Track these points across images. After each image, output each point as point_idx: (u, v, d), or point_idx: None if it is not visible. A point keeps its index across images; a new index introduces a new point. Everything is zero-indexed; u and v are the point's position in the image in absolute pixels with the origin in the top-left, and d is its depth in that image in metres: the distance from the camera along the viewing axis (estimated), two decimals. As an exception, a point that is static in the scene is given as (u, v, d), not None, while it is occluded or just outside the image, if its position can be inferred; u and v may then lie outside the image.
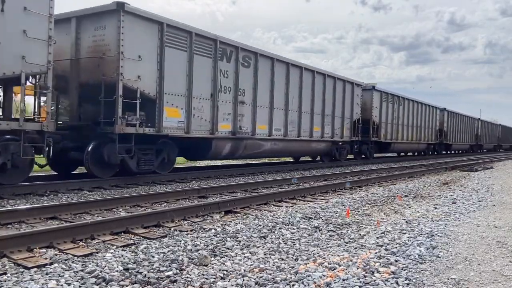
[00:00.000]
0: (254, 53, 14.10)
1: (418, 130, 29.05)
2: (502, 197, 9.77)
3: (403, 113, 26.38)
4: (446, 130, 31.28)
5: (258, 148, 14.72)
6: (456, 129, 34.02)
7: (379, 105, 23.20)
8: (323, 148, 18.77)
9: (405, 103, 26.74)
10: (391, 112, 24.66)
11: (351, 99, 20.25)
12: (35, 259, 4.26)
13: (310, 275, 3.90)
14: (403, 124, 26.65)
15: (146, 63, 10.29)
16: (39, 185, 8.69)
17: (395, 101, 25.33)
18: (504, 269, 4.25)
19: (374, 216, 7.10)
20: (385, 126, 23.93)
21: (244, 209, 7.51)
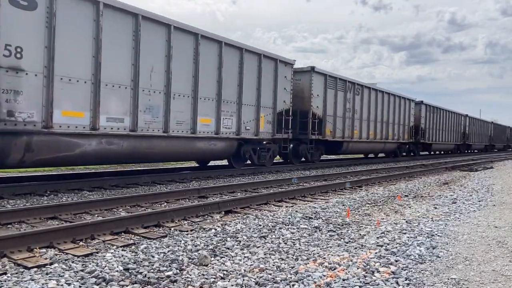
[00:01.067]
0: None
1: (384, 127, 23.57)
2: (502, 197, 9.77)
3: (361, 104, 20.88)
4: (424, 127, 27.50)
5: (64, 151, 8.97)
6: (438, 127, 29.99)
7: (323, 93, 17.94)
8: (220, 149, 13.03)
9: (364, 92, 21.16)
10: (341, 102, 19.28)
11: (274, 83, 14.99)
12: (35, 259, 4.26)
13: (310, 275, 3.90)
14: (361, 119, 21.17)
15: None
16: (39, 185, 8.68)
17: (348, 89, 19.78)
18: (504, 269, 4.25)
19: (374, 216, 7.10)
20: (332, 121, 18.67)
21: (244, 209, 7.51)
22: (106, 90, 9.39)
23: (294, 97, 16.38)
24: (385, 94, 23.65)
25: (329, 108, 18.31)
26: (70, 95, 8.73)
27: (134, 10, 9.91)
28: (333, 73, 18.81)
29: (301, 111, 17.10)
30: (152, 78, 10.46)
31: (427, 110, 29.88)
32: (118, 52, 9.63)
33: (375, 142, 22.88)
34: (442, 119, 33.17)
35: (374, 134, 22.49)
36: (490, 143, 52.18)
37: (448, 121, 35.01)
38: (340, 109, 19.22)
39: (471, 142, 41.04)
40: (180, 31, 11.17)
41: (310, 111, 17.11)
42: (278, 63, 15.00)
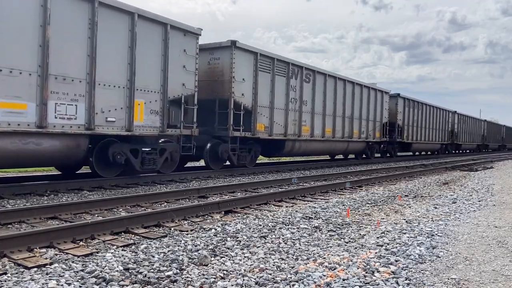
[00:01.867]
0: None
1: (348, 123, 21.53)
2: (502, 197, 9.77)
3: (313, 94, 18.30)
4: (401, 124, 25.20)
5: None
6: (419, 124, 28.02)
7: (252, 76, 14.68)
8: (49, 151, 8.58)
9: (317, 79, 19.18)
10: (282, 90, 16.93)
11: (164, 57, 11.00)
12: (35, 259, 4.26)
13: (310, 275, 3.90)
14: (313, 113, 19.94)
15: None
16: (39, 185, 8.68)
17: (293, 74, 17.79)
18: (504, 269, 4.25)
19: (374, 216, 7.10)
20: (268, 114, 16.33)
21: (244, 209, 7.51)
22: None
23: (212, 82, 13.28)
24: (348, 83, 19.63)
25: (262, 97, 14.32)
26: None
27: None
28: (268, 52, 14.65)
29: (221, 99, 13.35)
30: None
31: (405, 104, 26.39)
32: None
33: (333, 141, 18.88)
34: (424, 116, 29.61)
35: (332, 132, 18.60)
36: (483, 142, 49.07)
37: (433, 118, 31.42)
38: (280, 99, 15.27)
39: (460, 141, 38.29)
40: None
41: (230, 100, 13.02)
42: (170, 29, 10.73)
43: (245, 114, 13.57)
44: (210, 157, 13.13)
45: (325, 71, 18.11)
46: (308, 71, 17.09)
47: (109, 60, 9.38)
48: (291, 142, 16.28)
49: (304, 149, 17.64)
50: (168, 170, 11.46)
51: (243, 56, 13.52)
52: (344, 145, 20.26)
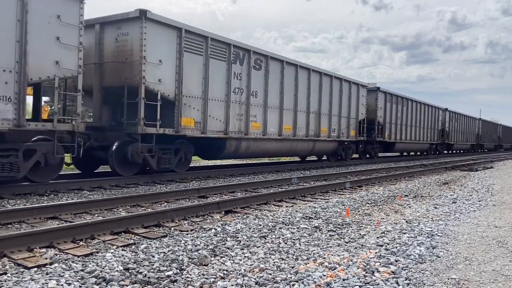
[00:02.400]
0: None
1: (314, 120, 19.37)
2: (502, 196, 9.77)
3: (265, 84, 15.50)
4: (382, 122, 22.34)
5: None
6: (404, 122, 25.40)
7: (174, 57, 12.03)
8: None
9: (271, 66, 16.90)
10: (221, 77, 16.51)
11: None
12: (35, 259, 4.26)
13: (310, 275, 3.90)
14: (266, 106, 20.07)
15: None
16: (39, 185, 8.68)
17: (237, 58, 15.36)
18: (504, 269, 4.25)
19: (374, 216, 7.10)
20: (201, 106, 16.08)
21: (244, 209, 7.51)
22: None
23: (120, 64, 10.52)
24: (313, 73, 16.93)
25: (191, 85, 11.49)
26: None
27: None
28: (198, 29, 11.81)
29: (130, 86, 10.48)
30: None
31: (386, 99, 23.65)
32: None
33: (294, 140, 16.23)
34: (410, 112, 26.92)
35: (293, 129, 15.94)
36: (478, 142, 45.89)
37: (420, 115, 28.68)
38: (219, 88, 12.49)
39: (452, 141, 35.45)
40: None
41: (141, 86, 10.20)
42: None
43: (165, 106, 10.71)
44: (117, 160, 10.34)
45: (282, 57, 15.24)
46: (259, 56, 14.05)
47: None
48: (234, 141, 13.32)
49: (254, 150, 14.38)
50: (45, 178, 8.92)
51: (159, 31, 10.60)
52: (308, 145, 17.35)
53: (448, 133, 34.22)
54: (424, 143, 30.33)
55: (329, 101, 18.22)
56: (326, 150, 19.49)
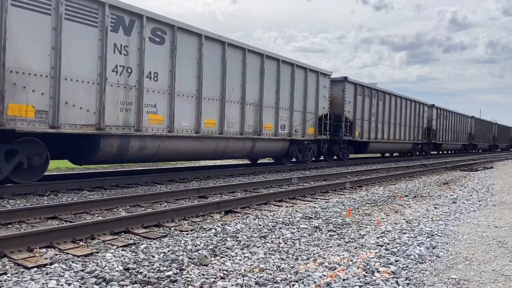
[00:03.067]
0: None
1: (252, 113, 17.94)
2: (502, 196, 9.77)
3: (199, 69, 12.24)
4: (352, 119, 18.71)
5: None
6: (379, 118, 21.62)
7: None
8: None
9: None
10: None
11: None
12: (35, 259, 4.26)
13: (310, 275, 3.90)
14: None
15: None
16: (39, 185, 8.68)
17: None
18: (504, 269, 4.25)
19: (374, 216, 7.10)
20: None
21: (244, 209, 7.51)
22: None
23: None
24: (250, 55, 13.42)
25: (25, 55, 7.97)
26: None
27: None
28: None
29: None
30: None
31: (357, 92, 20.36)
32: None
33: (222, 138, 12.68)
34: (388, 108, 23.46)
35: (219, 125, 12.47)
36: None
37: (401, 112, 25.27)
38: (85, 64, 8.95)
39: (440, 140, 32.12)
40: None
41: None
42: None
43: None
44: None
45: (199, 30, 11.66)
46: (159, 25, 10.52)
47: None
48: (117, 139, 9.79)
49: (155, 151, 10.78)
50: None
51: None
52: (245, 144, 13.71)
53: (435, 132, 31.04)
54: (406, 143, 26.91)
55: (275, 90, 14.81)
56: (272, 150, 15.62)
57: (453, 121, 35.94)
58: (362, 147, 21.89)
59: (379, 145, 23.61)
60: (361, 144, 21.56)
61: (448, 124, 34.49)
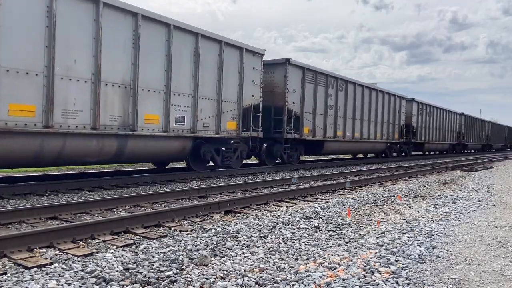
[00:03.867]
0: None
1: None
2: (502, 196, 9.77)
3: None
4: (298, 112, 14.77)
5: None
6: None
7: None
8: None
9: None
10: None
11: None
12: (35, 259, 4.26)
13: (310, 275, 3.90)
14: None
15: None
16: (39, 185, 8.68)
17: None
18: (504, 269, 4.25)
19: (374, 216, 7.10)
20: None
21: (244, 209, 7.51)
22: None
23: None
24: (117, 14, 9.35)
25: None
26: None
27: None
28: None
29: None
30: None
31: (305, 79, 16.14)
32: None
33: (51, 134, 8.35)
34: (350, 100, 19.37)
35: (44, 114, 8.14)
36: (460, 141, 40.43)
37: (369, 105, 21.04)
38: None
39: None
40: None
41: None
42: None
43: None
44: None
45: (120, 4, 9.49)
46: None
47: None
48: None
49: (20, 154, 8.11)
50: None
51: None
52: (103, 144, 9.46)
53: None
54: (378, 142, 22.88)
55: (166, 67, 10.72)
56: (163, 153, 11.47)
57: (438, 118, 31.95)
58: (316, 148, 18.03)
59: (339, 145, 19.41)
60: (313, 144, 17.67)
61: (432, 121, 30.49)
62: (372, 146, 22.93)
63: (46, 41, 8.24)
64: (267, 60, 15.09)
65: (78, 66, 8.86)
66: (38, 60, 8.16)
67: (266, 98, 14.77)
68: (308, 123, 16.69)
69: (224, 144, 13.28)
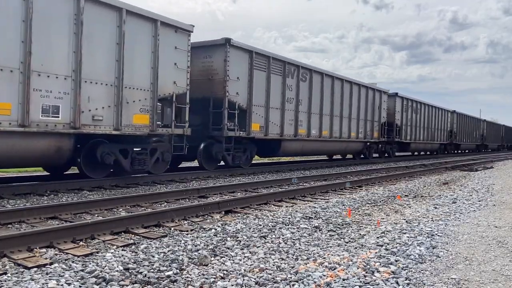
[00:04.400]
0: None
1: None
2: (502, 196, 9.77)
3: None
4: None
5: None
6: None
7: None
8: None
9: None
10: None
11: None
12: (35, 259, 4.26)
13: (310, 275, 3.90)
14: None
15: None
16: (39, 185, 8.68)
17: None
18: (504, 269, 4.25)
19: (374, 216, 7.10)
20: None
21: (244, 209, 7.50)
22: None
23: None
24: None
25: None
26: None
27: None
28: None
29: None
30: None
31: (253, 64, 13.56)
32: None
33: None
34: (316, 93, 16.86)
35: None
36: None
37: (341, 99, 18.63)
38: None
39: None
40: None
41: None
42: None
43: None
44: None
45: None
46: None
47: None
48: None
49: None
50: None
51: None
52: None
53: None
54: (353, 142, 20.33)
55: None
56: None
57: (426, 115, 29.42)
58: (271, 148, 15.45)
59: (302, 145, 16.77)
60: (269, 144, 15.18)
61: (419, 119, 27.99)
62: (345, 146, 20.22)
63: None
64: (205, 41, 12.92)
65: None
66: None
67: (204, 87, 12.63)
68: (259, 118, 14.04)
69: (136, 144, 10.50)
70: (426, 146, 30.39)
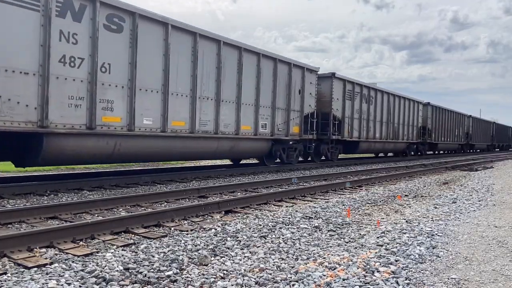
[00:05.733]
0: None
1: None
2: (502, 196, 9.77)
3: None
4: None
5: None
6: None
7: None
8: None
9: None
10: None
11: None
12: (35, 259, 4.26)
13: (310, 275, 3.90)
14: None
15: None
16: (39, 185, 8.68)
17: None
18: (504, 269, 4.25)
19: (374, 215, 7.10)
20: None
21: (244, 209, 7.50)
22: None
23: None
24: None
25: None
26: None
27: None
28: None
29: None
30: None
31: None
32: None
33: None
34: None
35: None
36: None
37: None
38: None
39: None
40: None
41: None
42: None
43: None
44: None
45: None
46: None
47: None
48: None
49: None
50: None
51: None
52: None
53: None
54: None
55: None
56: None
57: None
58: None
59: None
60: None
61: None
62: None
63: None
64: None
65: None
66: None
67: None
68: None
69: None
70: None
